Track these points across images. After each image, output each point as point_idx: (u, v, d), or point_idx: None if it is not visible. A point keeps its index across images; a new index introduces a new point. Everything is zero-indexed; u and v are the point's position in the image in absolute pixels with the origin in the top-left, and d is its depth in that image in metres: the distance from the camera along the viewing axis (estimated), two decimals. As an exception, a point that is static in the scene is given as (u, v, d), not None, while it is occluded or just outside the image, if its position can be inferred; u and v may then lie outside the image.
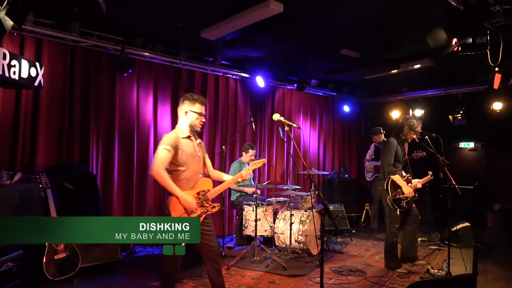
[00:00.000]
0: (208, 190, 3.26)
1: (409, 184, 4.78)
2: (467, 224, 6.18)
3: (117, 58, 5.35)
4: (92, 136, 5.36)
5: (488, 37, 4.27)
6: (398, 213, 4.72)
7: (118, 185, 5.60)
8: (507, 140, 7.92)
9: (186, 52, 6.05)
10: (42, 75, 4.72)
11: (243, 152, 6.29)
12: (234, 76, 7.07)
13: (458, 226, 6.16)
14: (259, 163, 3.63)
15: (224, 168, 5.80)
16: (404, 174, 4.91)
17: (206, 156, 3.48)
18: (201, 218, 3.12)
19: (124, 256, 5.07)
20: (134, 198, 5.74)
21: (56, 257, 4.01)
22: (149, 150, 5.96)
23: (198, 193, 3.20)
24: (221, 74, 6.88)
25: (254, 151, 6.33)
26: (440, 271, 4.64)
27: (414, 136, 4.85)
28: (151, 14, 4.84)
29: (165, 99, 6.20)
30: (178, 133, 3.22)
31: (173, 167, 3.15)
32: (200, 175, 3.30)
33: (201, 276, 4.55)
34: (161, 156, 3.04)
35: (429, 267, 4.86)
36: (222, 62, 6.62)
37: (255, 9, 4.40)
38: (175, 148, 3.09)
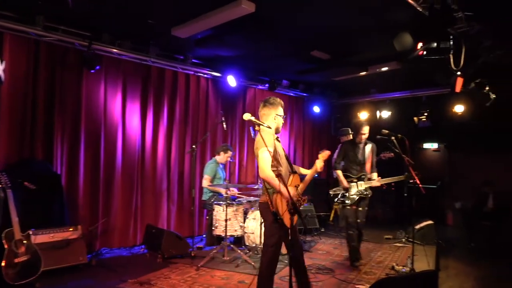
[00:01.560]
0: (298, 185, 3.36)
1: (360, 182, 5.07)
2: (430, 222, 6.42)
3: (84, 53, 5.19)
4: (57, 134, 5.17)
5: (451, 42, 4.45)
6: (342, 207, 5.05)
7: (84, 185, 5.44)
8: (468, 142, 8.28)
9: (156, 49, 5.95)
10: (3, 70, 4.52)
11: (221, 152, 6.25)
12: (205, 75, 7.01)
13: (422, 224, 6.39)
14: (326, 155, 3.70)
15: (194, 168, 5.75)
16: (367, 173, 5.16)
17: None
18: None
19: (90, 258, 4.93)
20: (100, 198, 5.59)
21: (16, 260, 3.83)
22: (116, 149, 5.81)
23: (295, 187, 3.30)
24: (192, 73, 6.81)
25: (232, 152, 6.34)
26: (404, 267, 4.80)
27: (363, 137, 5.15)
28: (120, 9, 4.72)
29: (134, 97, 6.07)
30: (272, 135, 3.34)
31: (272, 167, 3.22)
32: (289, 172, 3.39)
33: (169, 278, 4.49)
34: (267, 158, 3.15)
35: (394, 264, 5.01)
36: (193, 60, 6.55)
37: (227, 8, 4.38)
38: (274, 150, 3.23)
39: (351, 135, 7.60)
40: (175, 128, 6.59)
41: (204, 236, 6.59)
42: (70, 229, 4.67)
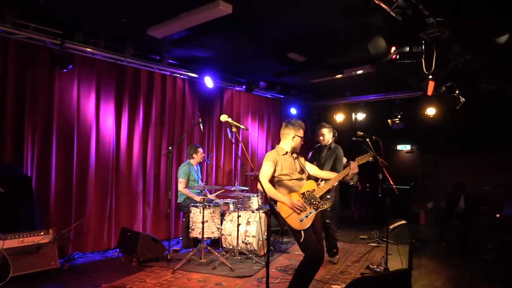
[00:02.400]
0: (314, 190, 3.60)
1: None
2: (403, 222, 6.57)
3: (56, 52, 5.05)
4: (27, 135, 5.01)
5: (423, 47, 4.58)
6: None
7: (56, 188, 5.28)
8: (439, 143, 8.55)
9: (132, 49, 5.85)
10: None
11: (193, 154, 6.19)
12: (182, 76, 6.95)
13: (395, 224, 6.53)
14: (366, 157, 3.96)
15: (171, 169, 5.68)
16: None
17: (307, 164, 3.88)
18: (313, 214, 3.49)
19: (62, 263, 4.78)
20: (73, 201, 5.44)
21: (-17, 266, 3.69)
22: (90, 151, 5.68)
23: (303, 194, 3.56)
24: (169, 73, 6.73)
25: (202, 149, 6.30)
26: (379, 267, 4.89)
27: (320, 139, 5.54)
28: (94, 7, 4.61)
29: (109, 97, 5.95)
30: (278, 151, 3.73)
31: (276, 179, 3.66)
32: (302, 181, 3.67)
33: (145, 281, 4.41)
34: (265, 171, 3.59)
35: (369, 263, 5.10)
36: (169, 61, 6.47)
37: (204, 9, 4.37)
38: (275, 164, 3.61)
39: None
40: (151, 129, 6.49)
41: (180, 238, 6.52)
42: (41, 233, 4.52)
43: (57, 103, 5.32)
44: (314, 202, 3.53)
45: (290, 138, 3.74)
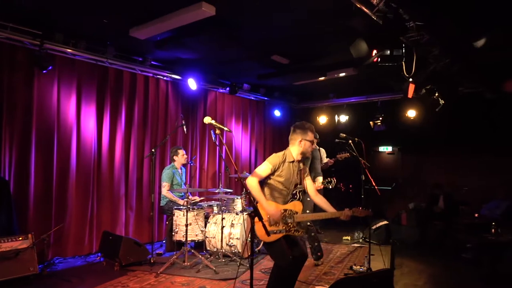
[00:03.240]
0: (296, 212, 3.41)
1: None
2: (385, 222, 6.67)
3: (35, 53, 4.94)
4: (5, 138, 4.89)
5: (403, 50, 4.67)
6: None
7: (35, 191, 5.16)
8: (420, 145, 8.72)
9: (113, 50, 5.76)
10: None
11: (174, 157, 6.14)
12: (165, 78, 6.89)
13: (378, 225, 6.62)
14: (363, 212, 3.59)
15: (153, 172, 5.63)
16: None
17: (307, 179, 3.66)
18: (281, 234, 3.30)
19: (41, 268, 4.67)
20: (53, 205, 5.33)
21: (-42, 273, 3.57)
22: (70, 154, 5.57)
23: (285, 210, 3.37)
24: (151, 75, 6.67)
25: (184, 150, 6.25)
26: (362, 267, 4.94)
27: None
28: (75, 7, 4.53)
29: (90, 99, 5.85)
30: (286, 157, 3.49)
31: (270, 180, 3.48)
32: (288, 196, 3.48)
33: (127, 286, 4.35)
34: (261, 170, 3.42)
35: (353, 264, 5.15)
36: (152, 62, 6.41)
37: (187, 11, 4.35)
38: (275, 168, 3.42)
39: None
40: (133, 131, 6.41)
41: (164, 242, 6.45)
42: (19, 238, 4.41)
43: (37, 105, 5.21)
44: (289, 224, 3.35)
45: (297, 142, 3.51)
